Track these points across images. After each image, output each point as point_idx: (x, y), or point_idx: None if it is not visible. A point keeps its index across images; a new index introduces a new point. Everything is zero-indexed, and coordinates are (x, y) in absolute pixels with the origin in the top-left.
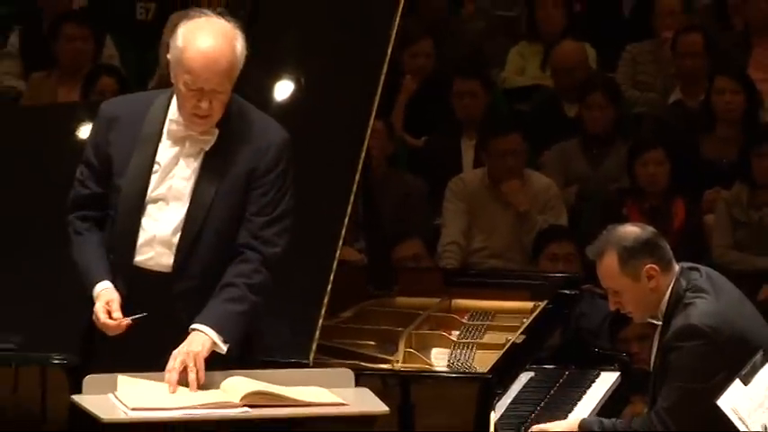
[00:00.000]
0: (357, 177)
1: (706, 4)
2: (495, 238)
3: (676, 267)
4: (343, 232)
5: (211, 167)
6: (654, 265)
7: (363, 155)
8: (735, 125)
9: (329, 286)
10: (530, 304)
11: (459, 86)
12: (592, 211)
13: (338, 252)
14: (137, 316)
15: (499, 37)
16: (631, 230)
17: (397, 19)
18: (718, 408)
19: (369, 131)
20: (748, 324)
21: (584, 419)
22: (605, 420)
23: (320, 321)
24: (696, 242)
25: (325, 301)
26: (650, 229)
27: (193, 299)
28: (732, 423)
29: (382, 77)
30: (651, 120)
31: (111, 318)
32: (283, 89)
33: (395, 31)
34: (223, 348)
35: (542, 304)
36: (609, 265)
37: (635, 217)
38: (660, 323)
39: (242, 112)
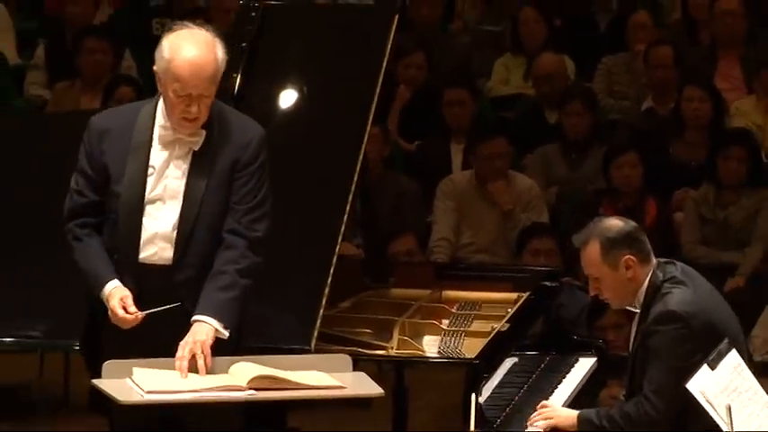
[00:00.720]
0: (355, 178)
1: (676, 20)
2: (482, 234)
3: (654, 261)
4: (343, 229)
5: (200, 165)
6: (632, 257)
7: (361, 158)
8: (702, 131)
9: (329, 279)
10: (513, 295)
11: (449, 96)
12: (571, 210)
13: (338, 247)
14: (156, 310)
15: (485, 50)
16: (615, 223)
17: (392, 34)
18: None
19: (366, 136)
20: (719, 313)
21: (581, 412)
22: (601, 410)
23: (321, 311)
24: (667, 238)
25: (326, 292)
26: (632, 223)
27: (195, 286)
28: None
29: (378, 87)
30: (625, 126)
31: (127, 312)
32: (288, 98)
33: (390, 45)
34: (225, 334)
35: (525, 295)
36: (591, 253)
37: (610, 215)
38: (638, 311)
39: (222, 113)
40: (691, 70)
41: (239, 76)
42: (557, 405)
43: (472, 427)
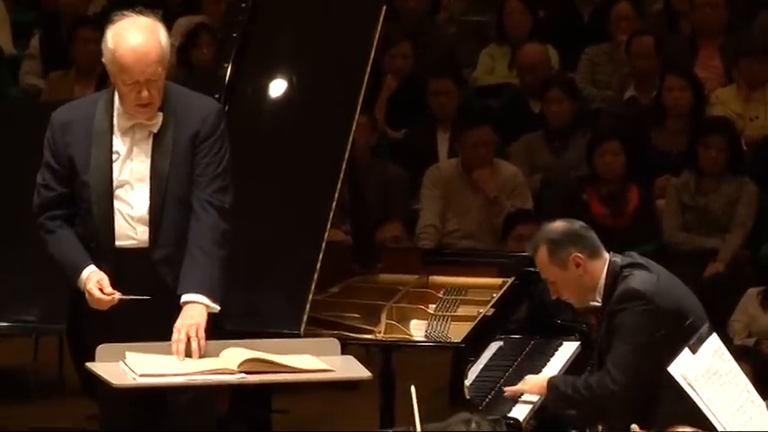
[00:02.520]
0: (344, 166)
1: (657, 11)
2: (468, 220)
3: (606, 254)
4: (332, 215)
5: (162, 145)
6: (579, 254)
7: (349, 146)
8: (683, 119)
9: (319, 264)
10: (499, 280)
11: (435, 86)
12: (554, 197)
13: (327, 233)
14: (134, 297)
15: (471, 40)
16: (558, 225)
17: (379, 25)
18: (660, 361)
19: (354, 125)
20: (678, 292)
21: (552, 377)
22: (567, 378)
23: (310, 296)
24: (648, 224)
25: (315, 277)
26: (578, 222)
27: (174, 263)
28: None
29: (366, 77)
30: (608, 114)
31: (104, 293)
32: (278, 87)
33: (377, 36)
34: (216, 308)
35: (510, 280)
36: (541, 257)
37: (594, 202)
38: (600, 304)
39: (176, 93)
40: (672, 60)
41: (230, 67)
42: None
43: (419, 428)
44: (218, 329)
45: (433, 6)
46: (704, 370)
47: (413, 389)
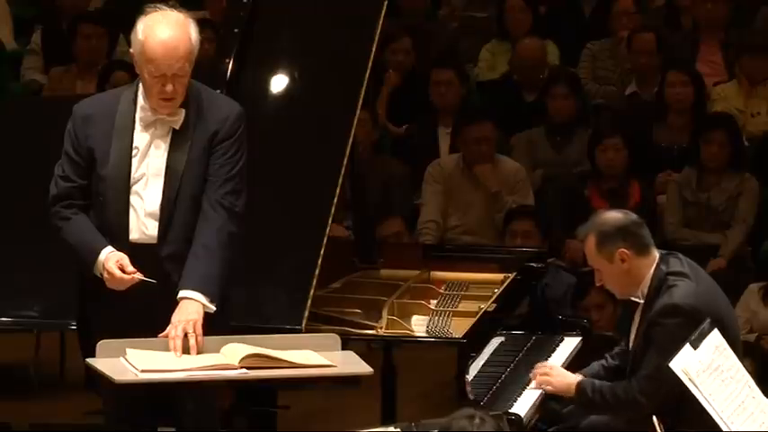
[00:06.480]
0: (345, 162)
1: (658, 6)
2: (469, 216)
3: (655, 253)
4: (333, 211)
5: (180, 142)
6: (626, 250)
7: (351, 142)
8: (684, 115)
9: (320, 260)
10: (500, 276)
11: (437, 77)
12: (556, 193)
13: (328, 229)
14: (148, 279)
15: (472, 36)
16: (611, 217)
17: (381, 20)
18: None
19: (355, 121)
20: (719, 306)
21: (582, 381)
22: (596, 383)
23: (312, 292)
24: (650, 220)
25: (317, 273)
26: (632, 216)
27: (181, 260)
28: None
29: (367, 72)
30: (609, 110)
31: (125, 273)
32: (280, 83)
33: (378, 31)
34: (212, 308)
35: (512, 276)
36: (589, 246)
37: (595, 198)
38: (641, 302)
39: (200, 92)
40: (673, 55)
41: (232, 62)
42: (559, 367)
43: None
44: (223, 325)
45: (434, 2)
46: (705, 366)
47: None
